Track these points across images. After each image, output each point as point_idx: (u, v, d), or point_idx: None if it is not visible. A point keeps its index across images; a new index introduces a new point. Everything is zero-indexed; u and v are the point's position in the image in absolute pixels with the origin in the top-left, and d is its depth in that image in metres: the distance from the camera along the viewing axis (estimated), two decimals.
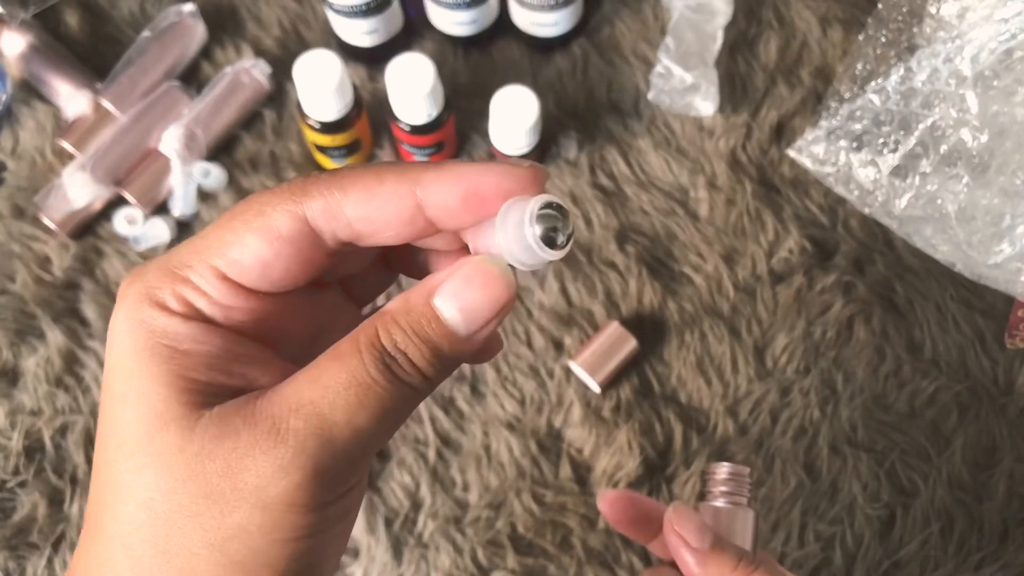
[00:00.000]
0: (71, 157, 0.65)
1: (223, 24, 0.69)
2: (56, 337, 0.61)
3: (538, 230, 0.24)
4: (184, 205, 0.64)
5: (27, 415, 0.60)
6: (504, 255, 0.25)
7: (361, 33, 0.65)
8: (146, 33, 0.66)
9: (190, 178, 0.64)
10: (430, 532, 0.58)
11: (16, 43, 0.66)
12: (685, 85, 0.65)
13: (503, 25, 0.68)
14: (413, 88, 0.58)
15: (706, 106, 0.65)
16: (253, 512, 0.23)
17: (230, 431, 0.23)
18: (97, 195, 0.63)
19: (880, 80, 0.61)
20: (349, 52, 0.67)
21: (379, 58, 0.66)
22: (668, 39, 0.66)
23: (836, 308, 0.63)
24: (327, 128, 0.61)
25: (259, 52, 0.68)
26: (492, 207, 0.25)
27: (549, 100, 0.67)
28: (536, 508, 0.59)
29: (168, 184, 0.64)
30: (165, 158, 0.64)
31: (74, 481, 0.59)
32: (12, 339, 0.62)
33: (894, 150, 0.61)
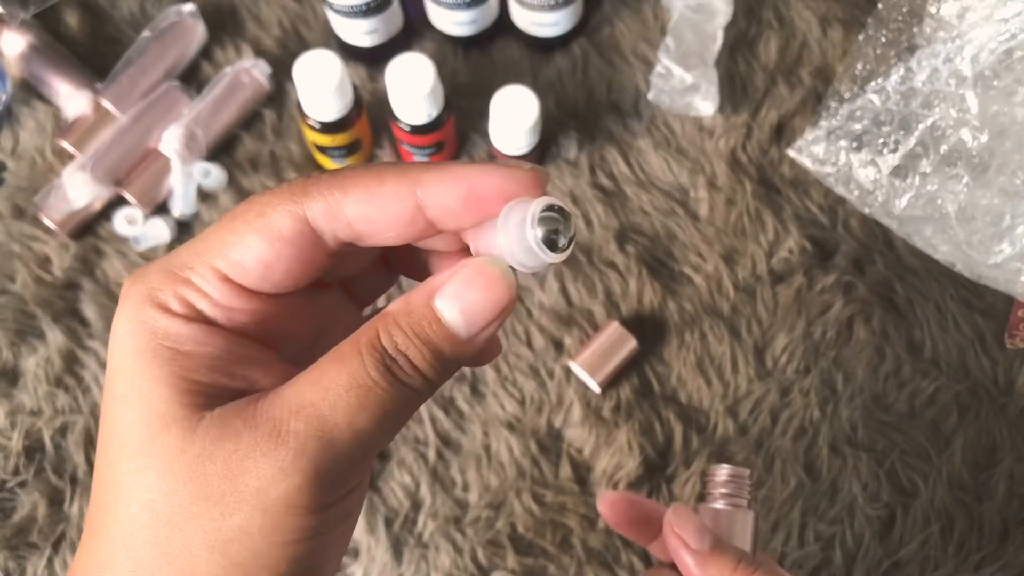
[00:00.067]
0: (71, 157, 0.65)
1: (223, 24, 0.69)
2: (56, 337, 0.61)
3: (539, 233, 0.24)
4: (184, 205, 0.64)
5: (27, 415, 0.60)
6: (505, 257, 0.25)
7: (361, 33, 0.65)
8: (146, 33, 0.66)
9: (190, 178, 0.64)
10: (430, 532, 0.58)
11: (16, 43, 0.66)
12: (685, 85, 0.65)
13: (503, 25, 0.68)
14: (413, 88, 0.58)
15: (706, 106, 0.65)
16: (254, 514, 0.23)
17: (231, 433, 0.23)
18: (97, 195, 0.63)
19: (880, 80, 0.61)
20: (349, 52, 0.67)
21: (379, 58, 0.66)
22: (668, 39, 0.66)
23: (836, 308, 0.63)
24: (327, 128, 0.61)
25: (259, 52, 0.68)
26: (492, 208, 0.25)
27: (549, 100, 0.67)
28: (536, 508, 0.59)
29: (168, 184, 0.64)
30: (165, 158, 0.64)
31: (74, 481, 0.59)
32: (12, 339, 0.62)
33: (894, 150, 0.61)
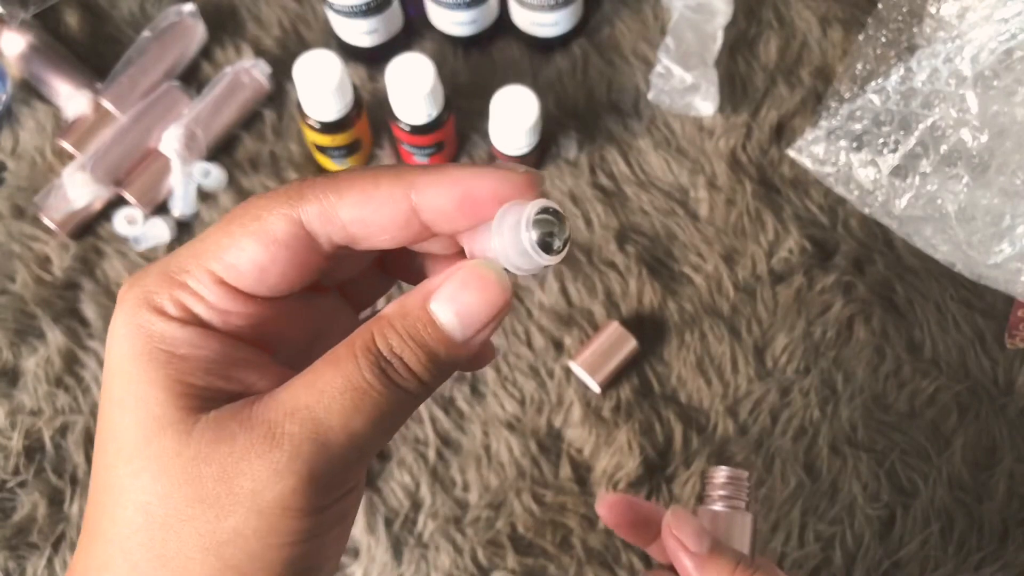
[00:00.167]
0: (71, 157, 0.65)
1: (223, 24, 0.69)
2: (56, 337, 0.61)
3: (534, 235, 0.24)
4: (184, 205, 0.64)
5: (27, 415, 0.60)
6: (500, 260, 0.25)
7: (361, 33, 0.65)
8: (146, 33, 0.66)
9: (190, 178, 0.64)
10: (430, 532, 0.58)
11: (16, 43, 0.66)
12: (685, 85, 0.65)
13: (503, 25, 0.68)
14: (413, 88, 0.58)
15: (706, 106, 0.65)
16: (249, 516, 0.23)
17: (226, 435, 0.23)
18: (97, 195, 0.63)
19: (880, 80, 0.61)
20: (349, 52, 0.67)
21: (379, 58, 0.66)
22: (668, 39, 0.66)
23: (836, 308, 0.63)
24: (327, 128, 0.61)
25: (259, 52, 0.68)
26: (487, 211, 0.25)
27: (549, 100, 0.67)
28: (536, 508, 0.59)
29: (168, 184, 0.64)
30: (165, 158, 0.64)
31: (74, 481, 0.59)
32: (12, 339, 0.62)
33: (894, 150, 0.61)
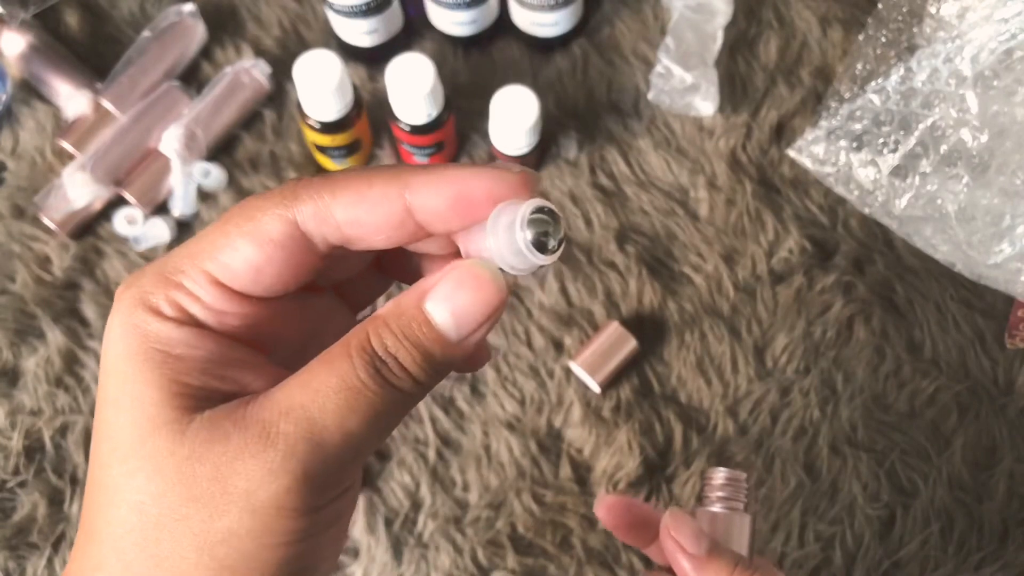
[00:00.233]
0: (71, 157, 0.65)
1: (223, 24, 0.69)
2: (56, 337, 0.61)
3: (529, 235, 0.23)
4: (184, 205, 0.64)
5: (27, 415, 0.60)
6: (496, 260, 0.24)
7: (361, 33, 0.65)
8: (146, 33, 0.66)
9: (190, 178, 0.64)
10: (430, 532, 0.58)
11: (16, 43, 0.66)
12: (685, 85, 0.65)
13: (503, 25, 0.68)
14: (413, 88, 0.58)
15: (706, 106, 0.65)
16: (242, 516, 0.23)
17: (220, 435, 0.23)
18: (97, 195, 0.63)
19: (880, 80, 0.61)
20: (349, 52, 0.67)
21: (379, 58, 0.66)
22: (668, 39, 0.66)
23: (836, 308, 0.63)
24: (327, 128, 0.61)
25: (259, 52, 0.68)
26: (481, 211, 0.24)
27: (549, 100, 0.67)
28: (536, 508, 0.59)
29: (168, 184, 0.64)
30: (165, 158, 0.64)
31: (74, 481, 0.59)
32: (12, 339, 0.62)
33: (894, 150, 0.61)
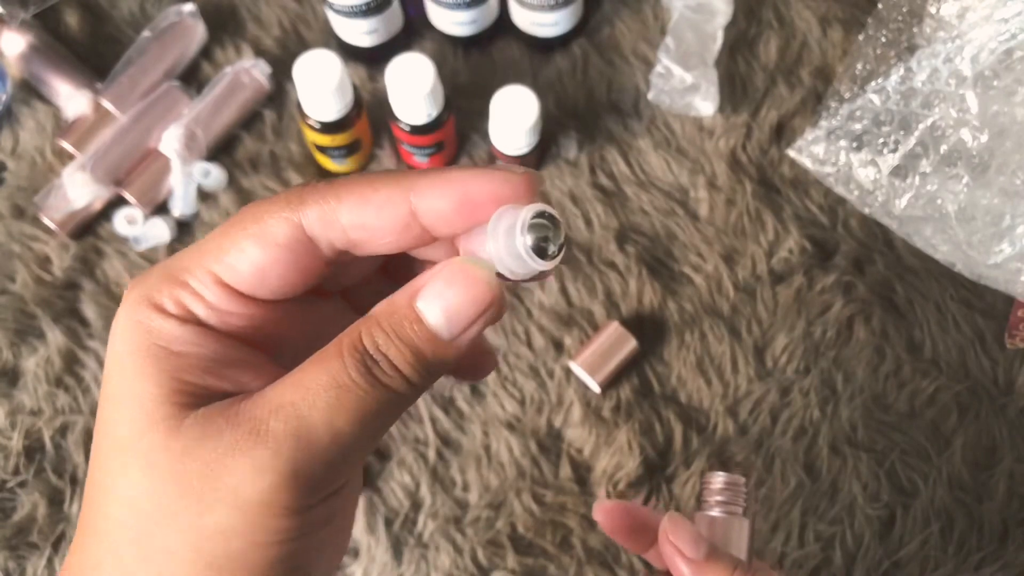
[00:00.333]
0: (71, 157, 0.65)
1: (223, 24, 0.69)
2: (56, 337, 0.61)
3: (529, 240, 0.23)
4: (184, 205, 0.64)
5: (27, 415, 0.60)
6: (495, 264, 0.24)
7: (361, 33, 0.65)
8: (146, 33, 0.66)
9: (190, 178, 0.64)
10: (430, 532, 0.58)
11: (16, 43, 0.66)
12: (685, 85, 0.65)
13: (503, 25, 0.68)
14: (413, 88, 0.58)
15: (706, 106, 0.65)
16: (230, 513, 0.23)
17: (213, 432, 0.23)
18: (97, 195, 0.63)
19: (880, 80, 0.61)
20: (349, 52, 0.67)
21: (379, 58, 0.66)
22: (668, 39, 0.66)
23: (836, 308, 0.63)
24: (327, 128, 0.61)
25: (259, 52, 0.68)
26: (485, 213, 0.24)
27: (549, 100, 0.67)
28: (536, 508, 0.59)
29: (168, 184, 0.64)
30: (165, 158, 0.64)
31: (74, 481, 0.59)
32: (12, 339, 0.62)
33: (894, 150, 0.61)
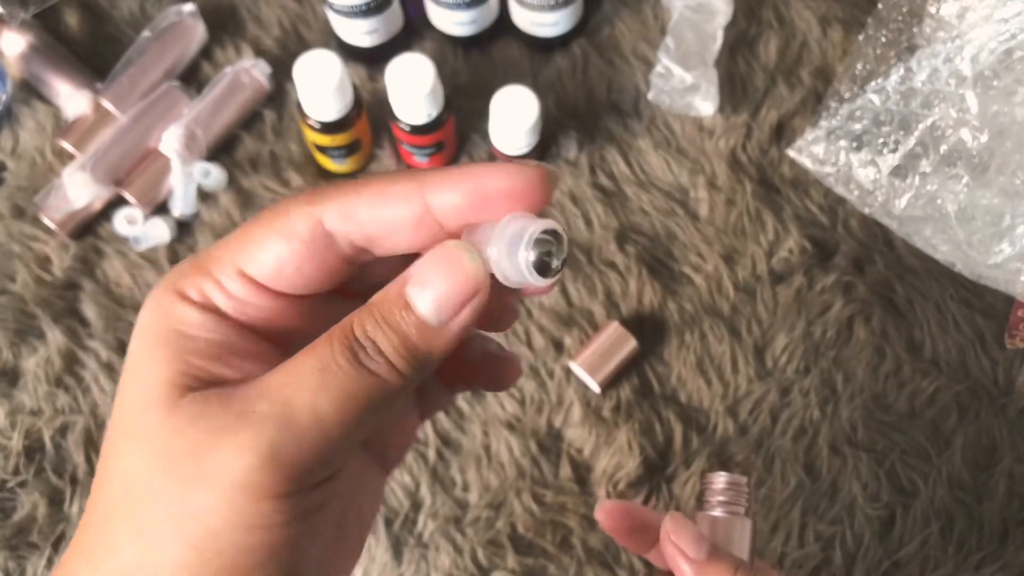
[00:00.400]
0: (71, 157, 0.65)
1: (223, 24, 0.69)
2: (56, 337, 0.61)
3: (532, 255, 0.24)
4: (184, 205, 0.64)
5: (27, 415, 0.60)
6: (492, 267, 0.24)
7: (361, 33, 0.65)
8: (146, 33, 0.66)
9: (190, 178, 0.64)
10: (430, 532, 0.58)
11: (16, 43, 0.66)
12: (685, 85, 0.65)
13: (503, 25, 0.68)
14: (413, 88, 0.58)
15: (706, 106, 0.65)
16: (210, 493, 0.23)
17: (205, 413, 0.23)
18: (97, 195, 0.63)
19: (880, 80, 0.61)
20: (349, 52, 0.67)
21: (379, 58, 0.66)
22: (668, 39, 0.66)
23: (836, 308, 0.63)
24: (327, 128, 0.61)
25: (259, 52, 0.68)
26: (496, 207, 0.25)
27: (549, 100, 0.67)
28: (536, 508, 0.59)
29: (168, 184, 0.64)
30: (165, 158, 0.64)
31: (74, 481, 0.59)
32: (12, 339, 0.62)
33: (894, 150, 0.61)
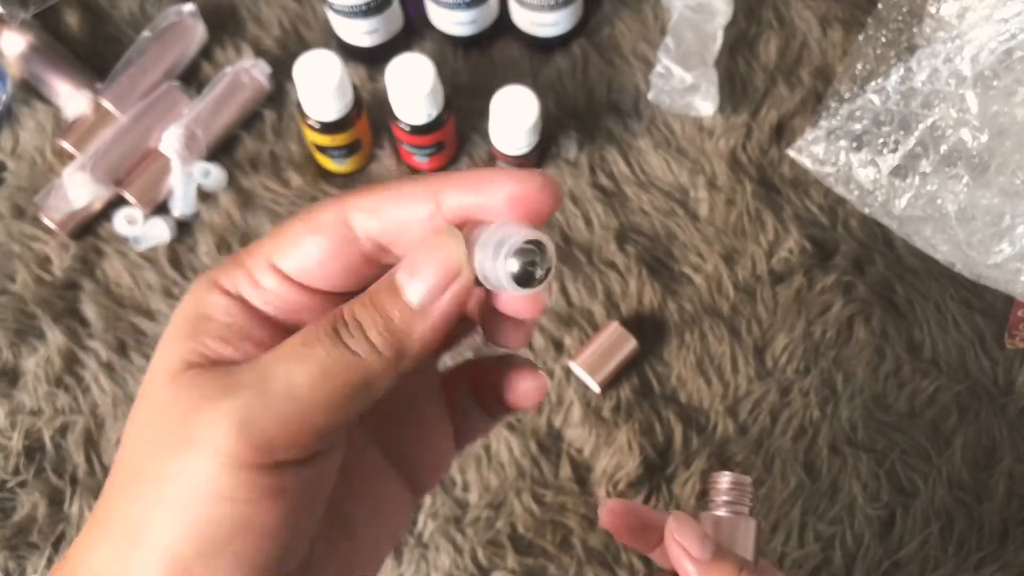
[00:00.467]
0: (71, 157, 0.65)
1: (223, 24, 0.69)
2: (56, 337, 0.61)
3: (514, 265, 0.24)
4: (184, 205, 0.64)
5: (27, 415, 0.60)
6: (476, 270, 0.25)
7: (361, 33, 0.65)
8: (146, 33, 0.66)
9: (190, 178, 0.64)
10: (430, 532, 0.58)
11: (16, 43, 0.66)
12: (685, 85, 0.65)
13: (503, 25, 0.68)
14: (413, 88, 0.58)
15: (706, 106, 0.65)
16: (187, 460, 0.23)
17: (198, 382, 0.24)
18: (97, 195, 0.63)
19: (880, 80, 0.61)
20: (349, 52, 0.67)
21: (379, 58, 0.66)
22: (668, 39, 0.66)
23: (836, 308, 0.63)
24: (327, 128, 0.61)
25: (259, 52, 0.68)
26: (504, 212, 0.25)
27: (549, 100, 0.67)
28: (536, 508, 0.59)
29: (168, 184, 0.64)
30: (165, 158, 0.64)
31: (74, 481, 0.59)
32: (12, 339, 0.62)
33: (894, 150, 0.61)
